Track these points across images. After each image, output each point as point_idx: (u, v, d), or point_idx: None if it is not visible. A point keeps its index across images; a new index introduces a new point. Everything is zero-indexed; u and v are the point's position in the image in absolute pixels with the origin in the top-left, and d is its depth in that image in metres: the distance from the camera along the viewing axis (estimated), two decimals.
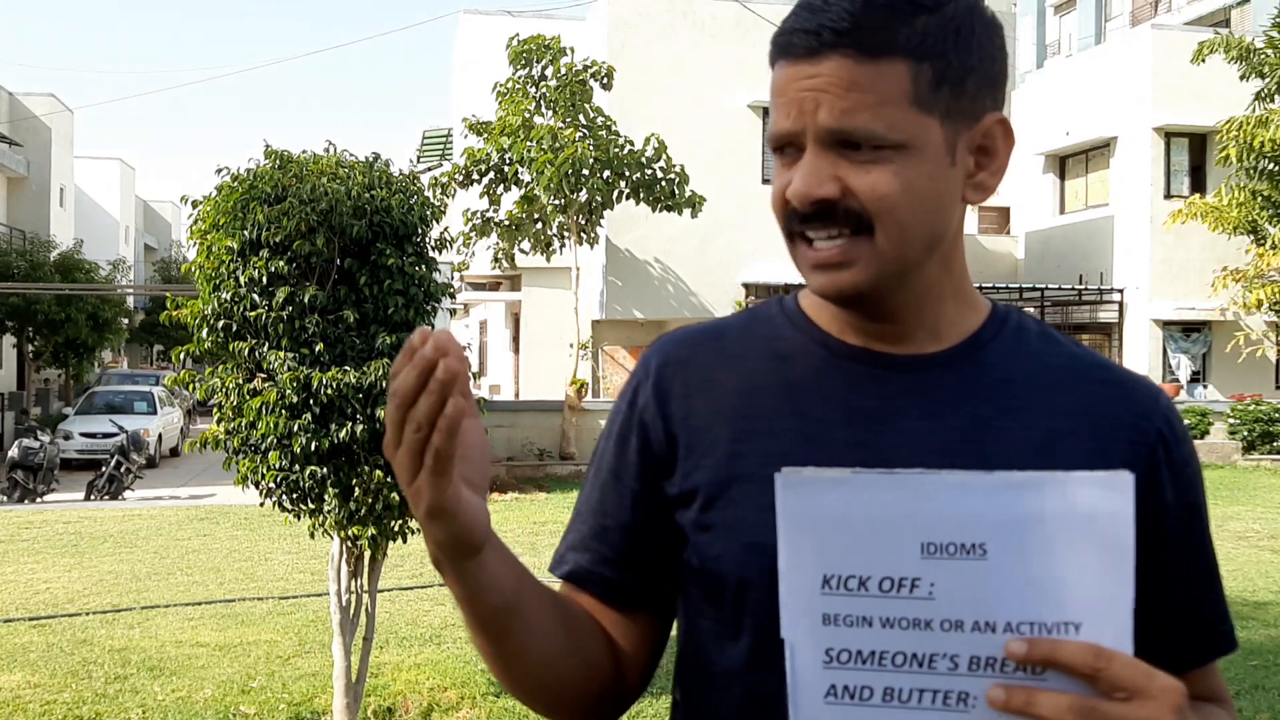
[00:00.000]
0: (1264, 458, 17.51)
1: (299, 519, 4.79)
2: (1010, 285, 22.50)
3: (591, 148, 15.84)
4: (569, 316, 17.70)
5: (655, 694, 5.61)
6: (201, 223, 4.81)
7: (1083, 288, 22.07)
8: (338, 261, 4.67)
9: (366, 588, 4.98)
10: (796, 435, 1.04)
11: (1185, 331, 21.59)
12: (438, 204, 5.11)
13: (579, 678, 1.08)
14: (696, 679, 1.10)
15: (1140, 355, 21.24)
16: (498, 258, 17.91)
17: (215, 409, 4.82)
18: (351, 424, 4.55)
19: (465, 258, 17.14)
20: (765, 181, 20.26)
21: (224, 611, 7.77)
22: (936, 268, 1.05)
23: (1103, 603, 0.85)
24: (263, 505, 4.96)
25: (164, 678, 6.05)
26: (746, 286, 20.45)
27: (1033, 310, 21.77)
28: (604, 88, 16.80)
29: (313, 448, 4.51)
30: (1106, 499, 0.86)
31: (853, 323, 1.08)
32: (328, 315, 4.67)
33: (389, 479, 4.64)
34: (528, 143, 15.89)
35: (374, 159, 5.07)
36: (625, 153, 16.19)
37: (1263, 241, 18.18)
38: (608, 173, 16.07)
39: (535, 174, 15.69)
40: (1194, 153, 21.63)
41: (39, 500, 15.63)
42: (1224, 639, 1.10)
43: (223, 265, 4.65)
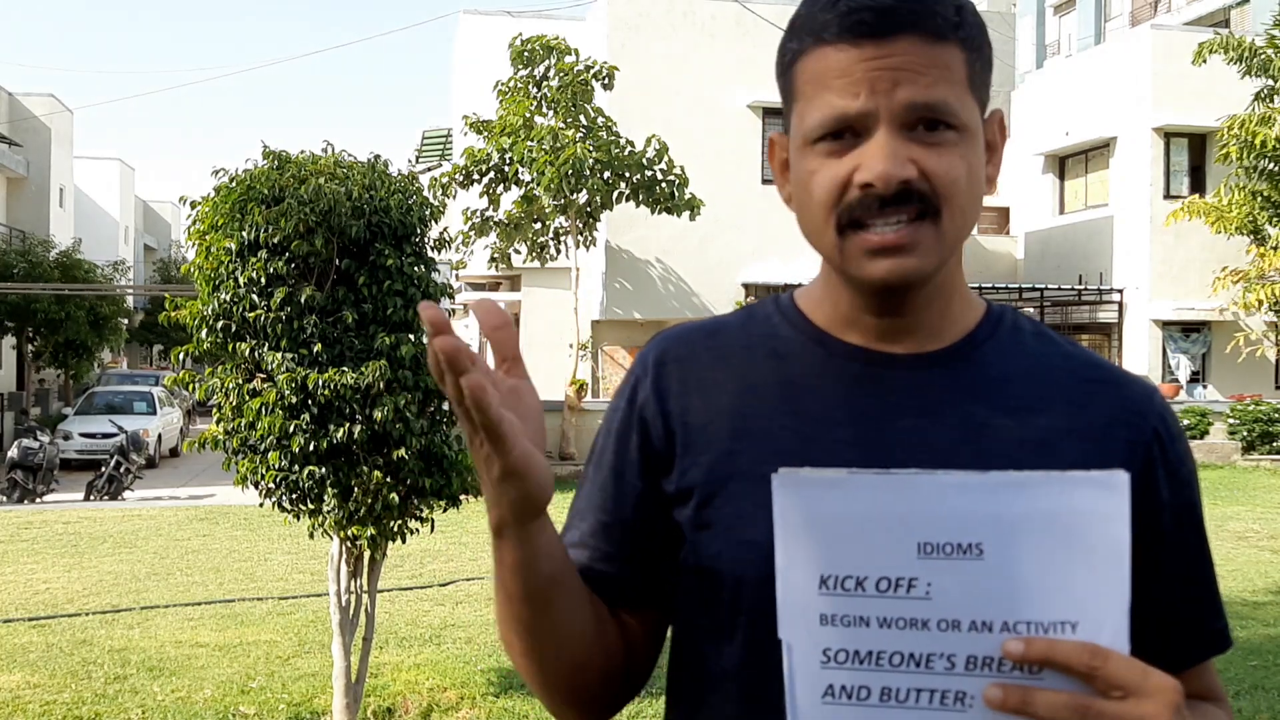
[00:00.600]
0: (1263, 458, 17.51)
1: (298, 519, 4.80)
2: (1010, 285, 22.50)
3: (592, 148, 15.84)
4: (568, 317, 17.70)
5: (655, 694, 5.61)
6: (200, 223, 4.81)
7: (1082, 288, 22.07)
8: (336, 262, 4.67)
9: (366, 588, 4.99)
10: (793, 434, 1.04)
11: (1185, 332, 21.59)
12: (437, 204, 5.11)
13: (600, 663, 1.08)
14: (692, 677, 1.10)
15: (1140, 355, 21.24)
16: (494, 257, 17.91)
17: (214, 409, 4.82)
18: (350, 424, 4.56)
19: (464, 257, 17.15)
20: (765, 182, 20.26)
21: (223, 612, 7.77)
22: (954, 262, 1.06)
23: (1099, 602, 0.85)
24: (262, 505, 4.96)
25: (163, 678, 6.05)
26: (746, 287, 20.47)
27: (1032, 310, 21.79)
28: (605, 88, 16.80)
29: (311, 448, 4.52)
30: (1102, 498, 0.86)
31: (858, 320, 1.07)
32: (326, 316, 4.67)
33: (388, 479, 4.64)
34: (528, 143, 15.89)
35: (374, 159, 5.08)
36: (626, 154, 16.19)
37: (1263, 242, 18.20)
38: (608, 174, 16.08)
39: (536, 174, 15.69)
40: (1194, 153, 21.63)
41: (38, 500, 15.63)
42: (1219, 637, 1.10)
43: (221, 266, 4.65)
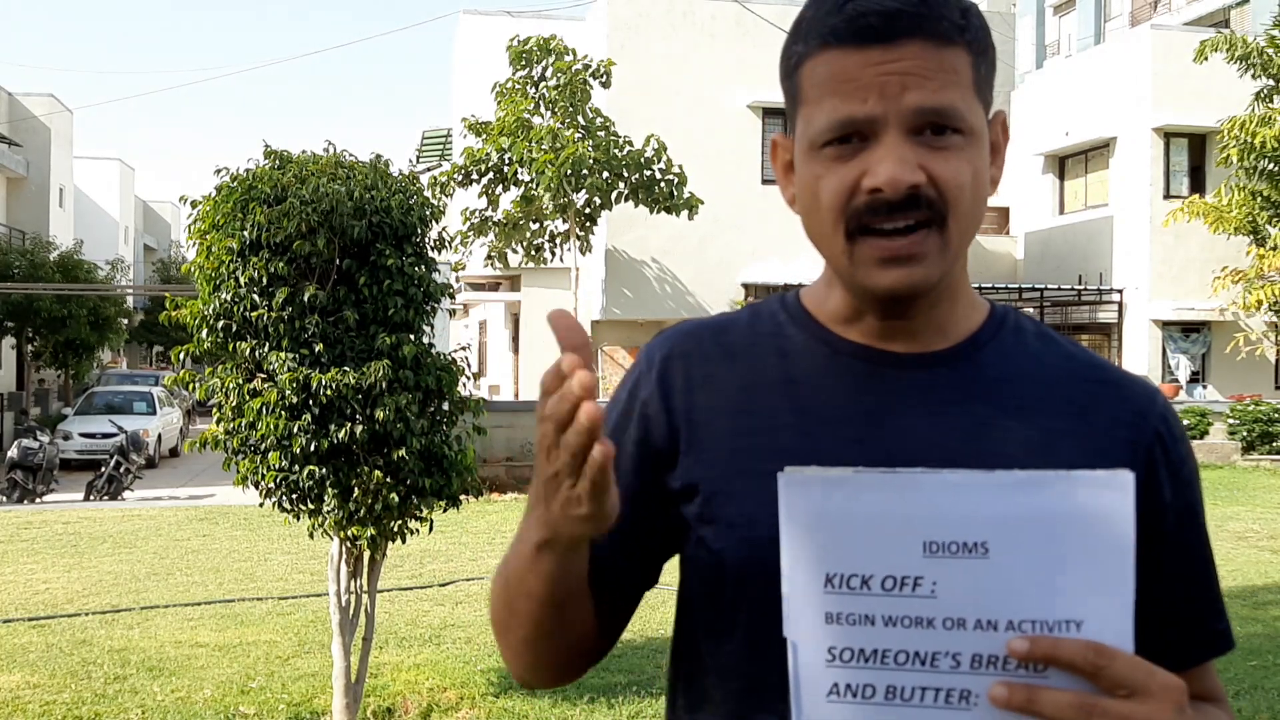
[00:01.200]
0: (1263, 458, 17.51)
1: (298, 519, 4.80)
2: (1010, 285, 22.52)
3: (591, 148, 15.84)
4: None
5: (655, 694, 5.62)
6: (201, 223, 4.81)
7: (1082, 288, 22.08)
8: (337, 262, 4.67)
9: (366, 588, 4.99)
10: (797, 432, 1.04)
11: (1185, 332, 21.60)
12: (437, 204, 5.11)
13: (590, 645, 1.12)
14: (693, 673, 1.10)
15: (1140, 355, 21.25)
16: (491, 256, 17.91)
17: (215, 409, 4.82)
18: (351, 424, 4.55)
19: (463, 256, 17.15)
20: (765, 182, 20.27)
21: (223, 612, 7.77)
22: (959, 264, 1.06)
23: (1104, 601, 0.85)
24: (262, 506, 4.96)
25: (163, 678, 6.05)
26: (745, 287, 20.48)
27: (1032, 311, 21.80)
28: (604, 86, 16.79)
29: (312, 448, 4.52)
30: (1107, 498, 0.86)
31: (862, 319, 1.07)
32: (327, 316, 4.67)
33: (388, 479, 4.64)
34: (527, 143, 15.89)
35: (375, 159, 5.07)
36: (625, 153, 16.19)
37: (1263, 242, 18.20)
38: (607, 173, 16.08)
39: (535, 174, 15.69)
40: (1193, 153, 21.65)
41: (38, 500, 15.61)
42: (1220, 638, 1.10)
43: (222, 265, 4.65)
